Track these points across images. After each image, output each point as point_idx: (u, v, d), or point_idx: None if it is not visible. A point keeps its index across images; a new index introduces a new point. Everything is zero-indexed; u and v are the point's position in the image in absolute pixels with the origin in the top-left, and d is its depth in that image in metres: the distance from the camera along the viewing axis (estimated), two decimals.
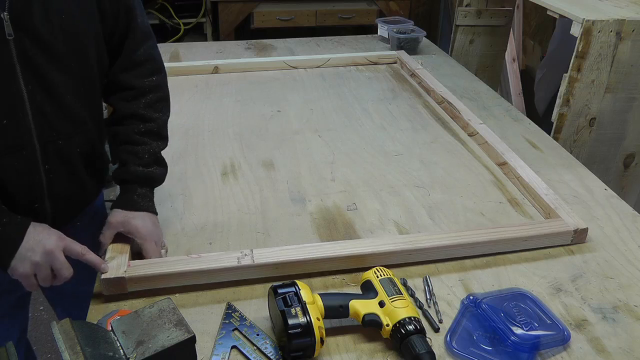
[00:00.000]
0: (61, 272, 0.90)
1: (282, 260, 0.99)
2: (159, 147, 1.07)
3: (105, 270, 0.93)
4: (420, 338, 0.82)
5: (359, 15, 3.68)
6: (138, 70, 1.06)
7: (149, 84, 1.06)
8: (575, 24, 1.50)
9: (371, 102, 1.74)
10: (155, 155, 1.06)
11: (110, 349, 0.72)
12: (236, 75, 1.93)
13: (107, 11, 0.98)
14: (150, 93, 1.06)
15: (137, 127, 1.04)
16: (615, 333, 0.90)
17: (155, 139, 1.06)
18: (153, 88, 1.07)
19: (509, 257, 1.07)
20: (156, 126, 1.06)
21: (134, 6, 1.04)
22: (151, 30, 1.10)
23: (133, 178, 1.04)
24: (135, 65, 1.06)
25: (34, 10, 0.86)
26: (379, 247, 1.02)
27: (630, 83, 1.56)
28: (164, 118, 1.09)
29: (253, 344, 0.86)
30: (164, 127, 1.08)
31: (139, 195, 1.03)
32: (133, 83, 1.05)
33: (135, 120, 1.05)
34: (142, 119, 1.05)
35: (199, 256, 0.99)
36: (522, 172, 1.29)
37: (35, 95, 0.90)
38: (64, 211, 1.04)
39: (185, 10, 3.62)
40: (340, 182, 1.31)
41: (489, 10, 2.32)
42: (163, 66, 1.12)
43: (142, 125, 1.04)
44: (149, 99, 1.06)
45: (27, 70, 0.88)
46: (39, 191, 0.97)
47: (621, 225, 1.17)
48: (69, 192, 1.03)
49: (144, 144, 1.04)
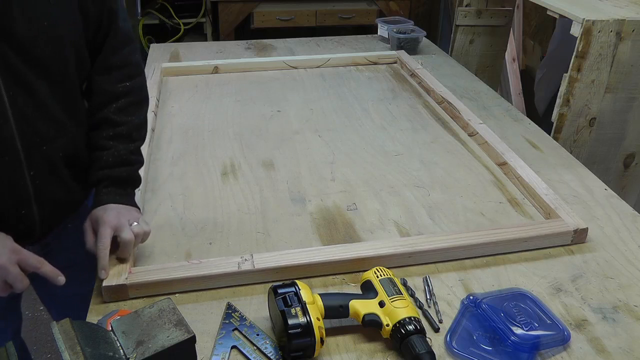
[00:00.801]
0: (15, 284, 0.88)
1: (282, 265, 0.99)
2: (128, 149, 1.06)
3: (61, 283, 0.91)
4: (420, 338, 0.82)
5: (359, 15, 3.68)
6: (113, 75, 1.05)
7: (122, 89, 1.06)
8: (575, 24, 1.50)
9: (371, 102, 1.74)
10: (121, 157, 1.05)
11: (110, 349, 0.72)
12: (236, 75, 1.93)
13: (90, 16, 0.98)
14: (122, 98, 1.06)
15: (107, 132, 1.04)
16: (615, 333, 0.90)
17: (124, 142, 1.05)
18: (125, 93, 1.06)
19: (509, 257, 1.07)
20: (125, 129, 1.05)
21: (117, 10, 1.04)
22: (132, 35, 1.10)
23: (94, 181, 1.04)
24: (110, 70, 1.05)
25: (14, 15, 0.85)
26: (379, 250, 1.02)
27: (630, 83, 1.56)
28: (137, 121, 1.08)
29: (253, 344, 0.86)
30: (135, 128, 1.08)
31: (104, 194, 1.02)
32: (106, 88, 1.05)
33: (106, 125, 1.05)
34: (112, 123, 1.05)
35: (200, 262, 0.99)
36: (522, 172, 1.29)
37: (17, 101, 0.89)
38: (52, 216, 1.04)
39: (185, 10, 3.62)
40: (340, 182, 1.31)
41: (489, 10, 2.32)
42: (141, 70, 1.11)
43: (111, 131, 1.04)
44: (121, 103, 1.05)
45: (7, 76, 0.87)
46: (26, 197, 0.97)
47: (621, 225, 1.17)
48: (56, 196, 1.02)
49: (110, 148, 1.04)
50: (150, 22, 3.63)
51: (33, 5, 0.88)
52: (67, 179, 1.04)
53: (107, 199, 1.01)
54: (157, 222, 1.15)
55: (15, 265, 0.88)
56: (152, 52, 2.16)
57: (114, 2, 1.03)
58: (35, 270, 0.90)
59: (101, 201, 1.01)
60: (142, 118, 1.10)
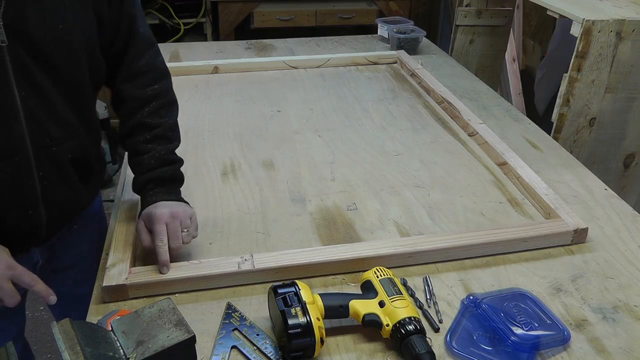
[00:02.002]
0: (4, 300, 0.87)
1: (282, 265, 0.99)
2: (167, 149, 1.07)
3: (52, 302, 0.90)
4: (420, 338, 0.82)
5: (359, 15, 3.68)
6: (140, 80, 1.06)
7: (151, 92, 1.06)
8: (575, 24, 1.50)
9: (371, 102, 1.74)
10: (162, 158, 1.06)
11: (110, 349, 0.72)
12: (236, 75, 1.93)
13: (105, 20, 0.98)
14: (153, 101, 1.06)
15: (144, 136, 1.05)
16: (615, 333, 0.90)
17: (163, 143, 1.06)
18: (155, 96, 1.07)
19: (509, 257, 1.07)
20: (162, 131, 1.06)
21: (136, 15, 1.04)
22: (153, 39, 1.10)
23: (140, 186, 1.05)
24: (136, 76, 1.06)
25: (28, 16, 0.86)
26: (379, 250, 1.02)
27: (630, 83, 1.56)
28: (170, 121, 1.09)
29: (253, 344, 0.86)
30: (170, 129, 1.09)
31: (151, 195, 1.03)
32: (135, 94, 1.06)
33: (141, 129, 1.06)
34: (147, 127, 1.06)
35: (200, 262, 0.99)
36: (522, 172, 1.29)
37: (28, 101, 0.90)
38: (58, 217, 1.04)
39: (185, 10, 3.62)
40: (340, 182, 1.31)
41: (489, 10, 2.32)
42: (167, 72, 1.12)
43: (147, 134, 1.05)
44: (152, 107, 1.06)
45: (20, 76, 0.87)
46: (34, 198, 0.97)
47: (621, 225, 1.17)
48: (63, 198, 1.03)
49: (150, 151, 1.05)
50: (150, 22, 3.60)
51: (48, 8, 0.88)
52: (75, 180, 1.04)
53: (156, 199, 1.02)
54: None
55: (8, 281, 0.87)
56: None
57: (132, 6, 1.03)
58: (28, 287, 0.89)
59: (150, 202, 1.02)
60: (175, 119, 1.11)
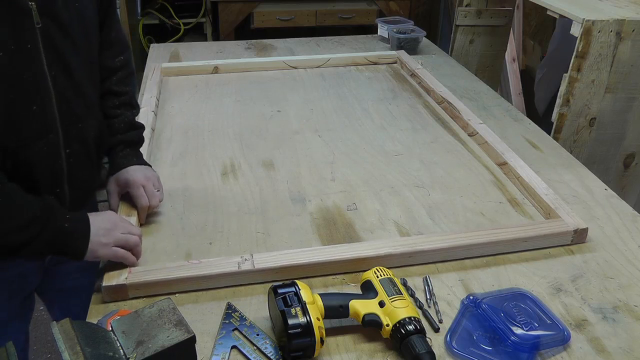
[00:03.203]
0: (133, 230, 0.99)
1: (282, 265, 0.99)
2: (133, 115, 1.18)
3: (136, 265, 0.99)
4: (420, 338, 0.82)
5: (359, 15, 3.68)
6: (111, 51, 1.14)
7: (118, 62, 1.16)
8: (575, 24, 1.50)
9: (371, 102, 1.74)
10: (130, 123, 1.16)
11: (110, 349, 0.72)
12: (236, 75, 1.93)
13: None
14: (119, 71, 1.16)
15: (112, 102, 1.14)
16: (615, 333, 0.90)
17: (129, 109, 1.17)
18: (121, 66, 1.16)
19: (509, 257, 1.07)
20: (128, 98, 1.17)
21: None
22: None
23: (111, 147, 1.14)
24: (109, 46, 1.13)
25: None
26: (379, 250, 1.02)
27: (630, 83, 1.56)
28: (133, 90, 1.20)
29: (253, 344, 0.86)
30: (133, 97, 1.19)
31: (122, 157, 1.13)
32: (106, 63, 1.13)
33: (110, 96, 1.14)
34: (116, 94, 1.15)
35: (200, 262, 0.99)
36: (522, 172, 1.29)
37: (57, 81, 0.94)
38: (79, 197, 1.07)
39: (185, 10, 3.62)
40: (340, 182, 1.31)
41: (489, 10, 2.32)
42: (128, 44, 1.22)
43: (116, 100, 1.15)
44: (119, 75, 1.16)
45: (50, 56, 0.92)
46: (60, 176, 1.00)
47: (621, 225, 1.17)
48: (85, 176, 1.07)
49: (119, 116, 1.14)
50: (150, 22, 3.63)
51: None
52: (94, 159, 1.09)
53: (127, 162, 1.13)
54: (157, 222, 1.15)
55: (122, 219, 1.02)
56: (152, 52, 2.16)
57: None
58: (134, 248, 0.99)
59: (121, 164, 1.12)
60: (135, 87, 1.22)
